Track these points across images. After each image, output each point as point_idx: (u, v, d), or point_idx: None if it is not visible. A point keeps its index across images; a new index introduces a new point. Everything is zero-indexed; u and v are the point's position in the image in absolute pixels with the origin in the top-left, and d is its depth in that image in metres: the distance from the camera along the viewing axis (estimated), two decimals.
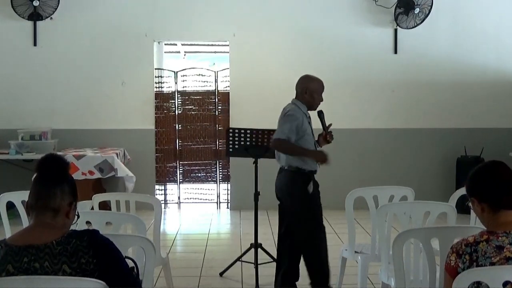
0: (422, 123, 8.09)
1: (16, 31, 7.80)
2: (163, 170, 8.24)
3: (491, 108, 8.12)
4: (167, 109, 8.18)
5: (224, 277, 5.06)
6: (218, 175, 8.30)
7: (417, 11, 7.74)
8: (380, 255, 3.80)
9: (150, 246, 2.72)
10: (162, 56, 8.89)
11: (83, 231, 2.15)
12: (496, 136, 8.00)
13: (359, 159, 7.99)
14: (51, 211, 2.15)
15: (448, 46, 8.08)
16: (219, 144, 8.19)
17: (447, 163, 8.01)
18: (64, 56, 7.85)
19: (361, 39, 8.00)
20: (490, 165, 2.35)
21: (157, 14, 7.92)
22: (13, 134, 7.38)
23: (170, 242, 6.41)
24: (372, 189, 4.26)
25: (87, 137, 7.80)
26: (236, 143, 4.93)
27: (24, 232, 2.19)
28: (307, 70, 7.87)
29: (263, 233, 5.99)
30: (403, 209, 3.73)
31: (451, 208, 3.61)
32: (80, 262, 2.06)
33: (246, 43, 7.97)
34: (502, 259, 2.13)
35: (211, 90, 8.26)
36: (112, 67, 7.91)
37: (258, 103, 7.95)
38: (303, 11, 7.97)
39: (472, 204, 2.35)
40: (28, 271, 2.03)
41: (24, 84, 7.83)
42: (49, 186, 2.17)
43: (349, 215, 4.13)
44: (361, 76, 8.04)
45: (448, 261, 2.21)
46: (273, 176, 4.58)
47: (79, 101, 7.89)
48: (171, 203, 8.37)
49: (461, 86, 8.09)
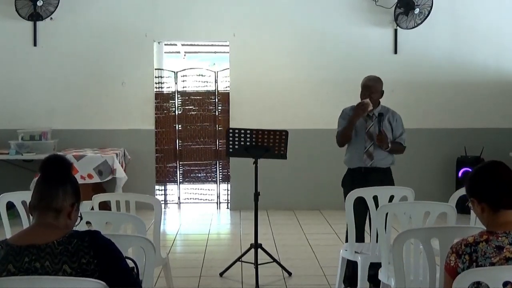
0: (422, 123, 8.08)
1: (16, 31, 7.80)
2: (163, 170, 8.24)
3: (491, 108, 8.12)
4: (167, 109, 8.18)
5: (224, 277, 5.06)
6: (218, 175, 8.30)
7: (417, 12, 7.74)
8: (380, 255, 3.80)
9: (150, 246, 2.72)
10: (162, 56, 8.89)
11: (85, 231, 2.15)
12: (496, 136, 7.99)
13: None
14: (53, 212, 2.16)
15: (448, 46, 8.08)
16: (219, 144, 8.19)
17: (447, 163, 8.01)
18: (64, 56, 7.85)
19: (361, 39, 8.00)
20: (490, 165, 2.36)
21: (157, 14, 7.92)
22: (13, 134, 7.38)
23: (170, 242, 6.42)
24: (372, 189, 4.25)
25: (87, 137, 7.81)
26: (236, 143, 4.93)
27: (26, 232, 2.19)
28: (307, 70, 7.99)
29: (263, 233, 6.01)
30: (403, 209, 3.73)
31: (451, 208, 3.61)
32: (80, 262, 2.06)
33: (246, 43, 7.97)
34: (502, 259, 2.13)
35: (211, 90, 8.26)
36: (112, 67, 7.91)
37: (258, 103, 7.95)
38: (303, 11, 7.97)
39: (472, 204, 2.35)
40: (29, 271, 2.03)
41: (24, 84, 7.83)
42: (51, 187, 2.17)
43: (349, 215, 4.13)
44: (361, 76, 7.93)
45: (448, 261, 2.21)
46: (273, 176, 4.60)
47: (79, 101, 7.89)
48: (171, 203, 8.37)
49: (461, 86, 8.09)
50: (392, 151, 4.59)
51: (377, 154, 4.55)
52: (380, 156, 4.56)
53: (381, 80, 4.68)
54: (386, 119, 4.59)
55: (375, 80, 4.64)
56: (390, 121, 4.61)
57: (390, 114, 4.63)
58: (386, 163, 4.61)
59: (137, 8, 7.90)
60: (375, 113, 4.58)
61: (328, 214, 7.47)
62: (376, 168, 4.56)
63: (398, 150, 4.66)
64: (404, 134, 4.65)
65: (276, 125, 5.46)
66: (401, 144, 4.64)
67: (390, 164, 4.65)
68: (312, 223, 7.17)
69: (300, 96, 8.00)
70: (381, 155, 4.56)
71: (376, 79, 4.66)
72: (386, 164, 4.61)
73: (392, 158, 4.64)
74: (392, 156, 4.63)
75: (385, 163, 4.60)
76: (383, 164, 4.59)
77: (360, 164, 4.57)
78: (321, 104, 7.85)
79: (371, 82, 4.62)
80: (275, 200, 7.63)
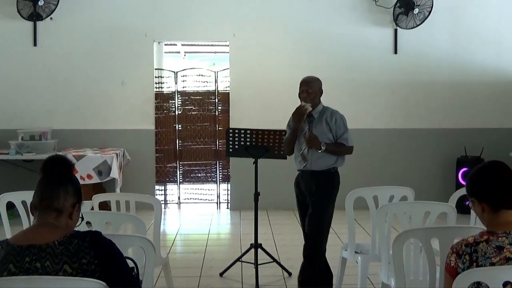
0: (422, 123, 8.09)
1: (16, 31, 7.80)
2: (163, 170, 8.25)
3: (491, 108, 8.13)
4: (167, 109, 8.18)
5: (224, 277, 5.06)
6: (218, 175, 8.30)
7: (416, 12, 7.73)
8: (380, 255, 3.80)
9: (150, 246, 2.72)
10: (162, 56, 8.89)
11: (86, 232, 2.16)
12: (496, 136, 8.00)
13: (359, 159, 7.94)
14: (54, 212, 2.16)
15: (448, 46, 8.08)
16: (219, 144, 8.19)
17: (447, 163, 8.01)
18: (64, 56, 7.86)
19: (361, 39, 8.00)
20: (490, 165, 2.35)
21: (157, 14, 7.92)
22: (13, 134, 7.38)
23: (170, 242, 6.42)
24: (372, 189, 4.26)
25: (87, 137, 7.81)
26: (236, 143, 4.93)
27: (27, 231, 2.20)
28: (307, 70, 7.91)
29: (263, 233, 6.01)
30: (403, 209, 3.73)
31: (451, 208, 3.61)
32: (81, 262, 2.06)
33: (246, 43, 7.97)
34: (502, 259, 2.13)
35: (211, 90, 8.26)
36: (112, 67, 7.91)
37: (258, 103, 7.95)
38: (303, 11, 7.97)
39: (472, 204, 2.35)
40: (29, 271, 2.04)
41: (24, 84, 7.84)
42: (53, 187, 2.18)
43: (349, 215, 4.14)
44: (361, 76, 8.04)
45: (448, 261, 2.21)
46: (273, 176, 4.60)
47: (79, 101, 7.89)
48: (171, 203, 8.37)
49: (461, 86, 8.09)
50: (331, 152, 4.30)
51: (311, 156, 4.32)
52: (315, 158, 4.31)
53: (319, 80, 4.49)
54: (324, 119, 4.35)
55: (313, 78, 4.47)
56: (328, 122, 4.35)
57: (328, 114, 4.37)
58: (322, 165, 4.32)
59: (137, 8, 7.91)
60: (313, 115, 4.38)
61: None
62: (311, 171, 4.33)
63: (340, 151, 4.35)
64: (346, 133, 4.35)
65: (276, 125, 5.44)
66: (343, 144, 4.34)
67: (331, 166, 4.34)
68: None
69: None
70: (316, 157, 4.31)
71: (314, 78, 4.48)
72: (323, 167, 4.32)
73: (333, 160, 4.33)
74: (334, 158, 4.33)
75: (321, 165, 4.31)
76: (319, 166, 4.31)
77: (298, 166, 4.44)
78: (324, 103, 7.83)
79: (309, 78, 4.47)
80: (275, 200, 7.62)
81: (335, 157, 4.35)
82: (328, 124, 4.35)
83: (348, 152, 4.40)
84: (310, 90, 4.39)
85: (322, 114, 4.40)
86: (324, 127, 4.35)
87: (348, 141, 4.37)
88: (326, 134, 4.33)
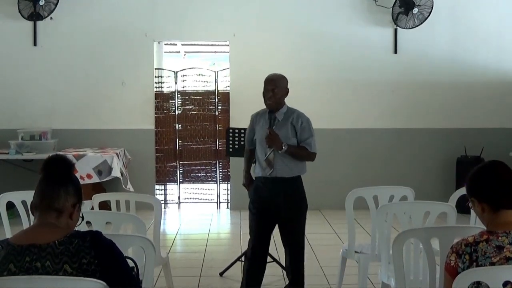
0: (422, 123, 8.09)
1: (16, 31, 7.80)
2: (163, 170, 8.24)
3: (491, 108, 8.13)
4: (167, 109, 8.18)
5: (224, 277, 5.07)
6: (218, 175, 8.30)
7: (416, 11, 7.73)
8: (380, 255, 3.80)
9: (150, 246, 2.72)
10: (162, 56, 8.89)
11: (86, 232, 2.16)
12: (496, 136, 8.00)
13: (359, 159, 7.98)
14: (55, 211, 2.16)
15: (448, 46, 8.08)
16: (219, 144, 8.19)
17: (447, 163, 8.01)
18: (64, 56, 7.85)
19: (361, 39, 8.00)
20: (490, 165, 2.36)
21: (157, 14, 7.92)
22: (13, 134, 7.37)
23: (170, 242, 6.42)
24: (372, 189, 4.26)
25: (87, 137, 7.81)
26: (236, 143, 4.94)
27: (27, 231, 2.20)
28: (307, 70, 7.98)
29: None
30: (403, 209, 3.73)
31: (451, 208, 3.61)
32: (81, 262, 2.06)
33: (246, 43, 7.97)
34: (502, 259, 2.13)
35: (211, 90, 8.26)
36: (112, 67, 7.91)
37: (258, 103, 7.81)
38: (303, 11, 7.97)
39: (472, 204, 2.35)
40: (30, 271, 2.04)
41: (24, 84, 7.83)
42: (53, 187, 2.18)
43: (349, 215, 4.13)
44: (361, 76, 8.04)
45: (448, 261, 2.21)
46: None
47: (79, 101, 7.89)
48: (171, 203, 8.37)
49: (461, 86, 8.09)
50: (293, 155, 4.03)
51: (278, 162, 4.03)
52: (282, 164, 4.03)
53: (286, 78, 4.18)
54: (289, 122, 4.07)
55: (279, 76, 4.15)
56: (293, 124, 4.07)
57: (294, 117, 4.09)
58: (290, 172, 4.06)
59: (137, 8, 7.90)
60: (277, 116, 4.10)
61: (328, 214, 7.47)
62: (278, 178, 4.03)
63: (302, 156, 4.08)
64: (311, 138, 4.08)
65: None
66: (306, 148, 4.07)
67: (298, 173, 4.10)
68: (312, 223, 7.11)
69: (299, 96, 7.94)
70: (283, 163, 4.03)
71: (280, 76, 4.16)
72: (290, 174, 4.05)
73: (300, 167, 4.11)
74: (300, 164, 4.11)
75: (289, 172, 4.05)
76: (287, 173, 4.04)
77: (261, 173, 4.09)
78: (321, 104, 7.83)
79: (275, 76, 4.14)
80: None
81: (303, 163, 4.12)
82: (294, 127, 4.07)
83: (310, 158, 4.13)
84: (276, 89, 4.07)
85: (288, 116, 4.11)
86: (289, 131, 4.07)
87: (311, 146, 4.09)
88: (290, 139, 4.05)
